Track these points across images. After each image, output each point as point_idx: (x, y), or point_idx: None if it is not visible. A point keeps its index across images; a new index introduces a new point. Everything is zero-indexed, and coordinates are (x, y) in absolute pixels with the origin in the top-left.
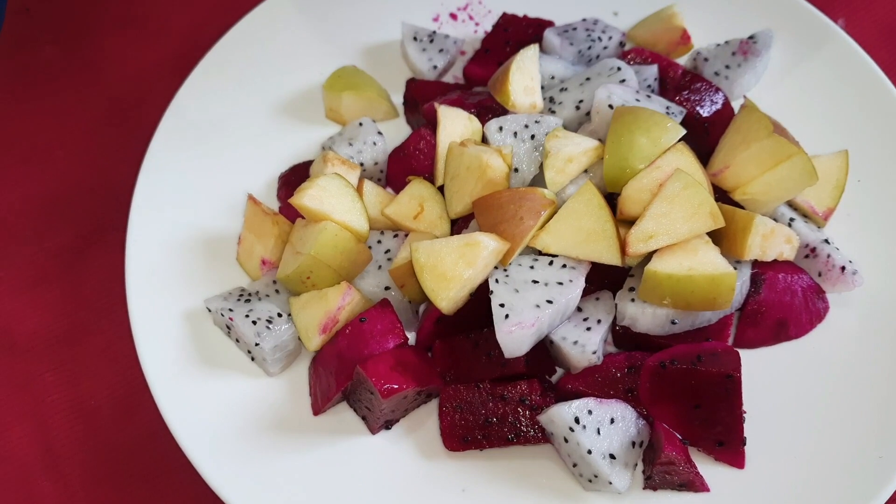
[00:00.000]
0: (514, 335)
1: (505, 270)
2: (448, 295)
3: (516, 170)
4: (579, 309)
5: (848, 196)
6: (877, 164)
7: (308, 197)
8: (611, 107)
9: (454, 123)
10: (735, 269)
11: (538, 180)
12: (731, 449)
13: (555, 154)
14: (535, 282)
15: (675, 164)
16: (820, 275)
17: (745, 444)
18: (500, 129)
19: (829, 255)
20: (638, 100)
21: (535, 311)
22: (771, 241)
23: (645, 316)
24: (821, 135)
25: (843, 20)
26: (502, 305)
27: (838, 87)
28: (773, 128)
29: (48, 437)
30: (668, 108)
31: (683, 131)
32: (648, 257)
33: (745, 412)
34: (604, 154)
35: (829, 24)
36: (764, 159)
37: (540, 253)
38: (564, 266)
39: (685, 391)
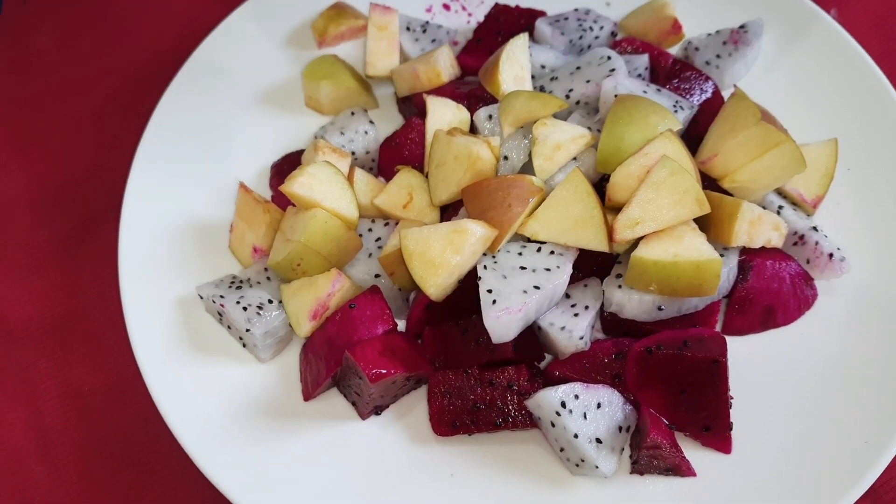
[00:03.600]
0: (502, 320)
1: (493, 257)
2: (436, 281)
3: (506, 157)
4: (567, 295)
5: (837, 184)
6: (866, 153)
7: (298, 184)
8: (617, 98)
9: (442, 112)
10: (722, 255)
11: (528, 168)
12: (717, 434)
13: (542, 141)
14: (522, 268)
15: (663, 151)
16: (808, 262)
17: (731, 429)
18: (490, 117)
19: (817, 243)
20: (646, 92)
21: (522, 297)
22: (758, 227)
23: (632, 302)
24: (811, 123)
25: (836, 10)
26: (490, 291)
27: (829, 76)
28: (761, 116)
29: (42, 424)
30: (676, 102)
31: (681, 125)
32: (636, 244)
33: (732, 398)
34: (600, 135)
35: (821, 14)
36: (752, 147)
37: (529, 240)
38: (552, 252)
39: (671, 376)
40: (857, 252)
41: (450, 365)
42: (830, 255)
